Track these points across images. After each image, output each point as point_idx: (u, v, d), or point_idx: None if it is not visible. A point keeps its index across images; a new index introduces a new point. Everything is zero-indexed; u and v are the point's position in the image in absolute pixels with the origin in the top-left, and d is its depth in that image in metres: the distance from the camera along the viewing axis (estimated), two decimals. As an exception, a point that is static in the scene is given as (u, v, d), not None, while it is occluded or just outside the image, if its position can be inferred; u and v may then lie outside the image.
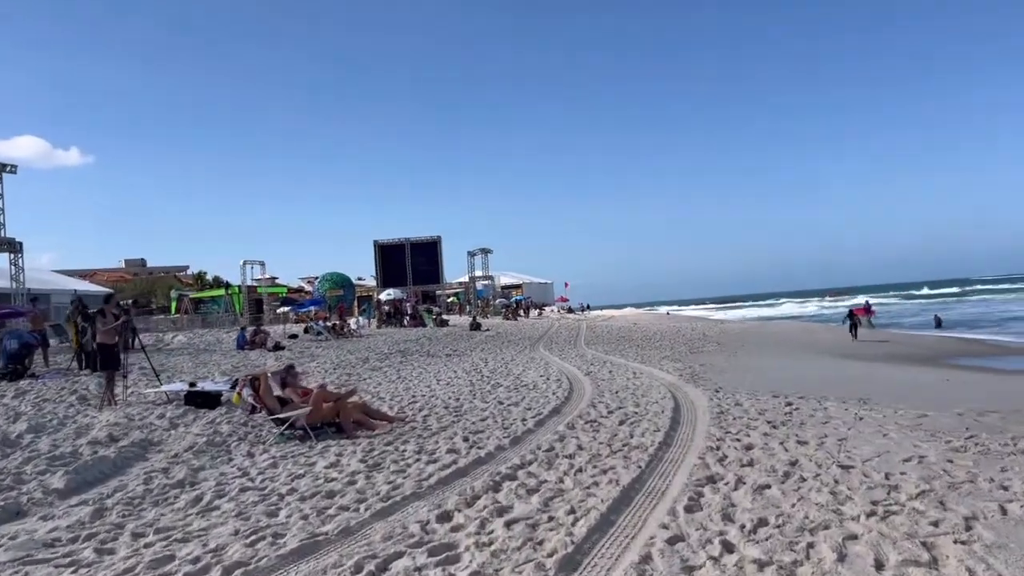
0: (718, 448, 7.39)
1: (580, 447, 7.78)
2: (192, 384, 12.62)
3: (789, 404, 10.34)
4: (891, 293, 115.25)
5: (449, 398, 12.49)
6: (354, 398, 10.16)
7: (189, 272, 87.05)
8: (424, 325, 40.43)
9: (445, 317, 44.71)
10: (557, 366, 18.22)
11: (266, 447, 8.73)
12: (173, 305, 65.11)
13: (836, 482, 5.99)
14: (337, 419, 9.23)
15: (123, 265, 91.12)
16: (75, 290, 42.47)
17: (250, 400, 9.25)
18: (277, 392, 9.77)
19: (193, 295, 68.52)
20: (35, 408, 11.99)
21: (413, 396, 13.04)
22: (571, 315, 62.09)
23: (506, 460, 7.35)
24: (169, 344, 28.23)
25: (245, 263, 60.67)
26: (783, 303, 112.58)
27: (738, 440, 7.78)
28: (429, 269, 62.02)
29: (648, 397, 11.66)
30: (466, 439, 8.53)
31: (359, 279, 75.54)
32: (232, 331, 29.69)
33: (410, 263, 61.68)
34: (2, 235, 25.71)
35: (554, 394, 12.39)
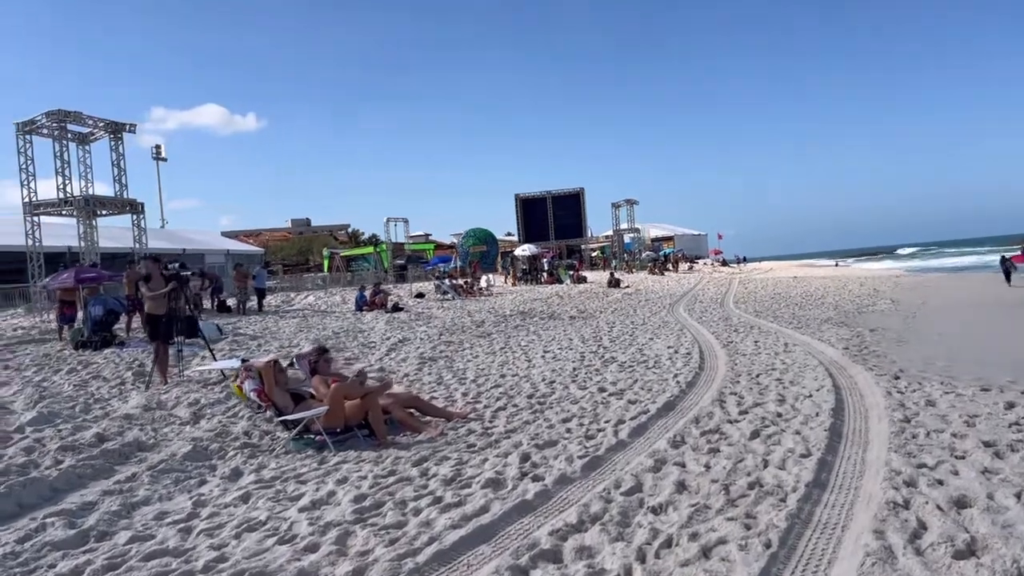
0: (907, 505, 4.48)
1: (681, 487, 5.09)
2: (244, 361, 10.79)
3: (1011, 406, 7.09)
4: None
5: (543, 380, 10.02)
6: (399, 390, 7.92)
7: (349, 230, 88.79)
8: (560, 282, 38.06)
9: (584, 273, 42.06)
10: (693, 333, 15.30)
11: (272, 456, 6.63)
12: (326, 263, 66.22)
13: None
14: (366, 420, 6.98)
15: (289, 225, 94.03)
16: (181, 251, 43.12)
17: (253, 396, 7.16)
18: (312, 381, 7.66)
19: (344, 253, 69.42)
20: (77, 387, 10.58)
21: (502, 375, 10.67)
22: (724, 269, 57.80)
23: (558, 511, 4.81)
24: (292, 304, 27.38)
25: (388, 220, 60.32)
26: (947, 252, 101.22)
27: (940, 483, 4.82)
28: (572, 223, 59.47)
29: (799, 386, 8.68)
30: (525, 458, 6.03)
31: (507, 234, 74.19)
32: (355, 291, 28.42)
33: (552, 217, 59.32)
34: (124, 196, 25.37)
35: (675, 378, 9.63)
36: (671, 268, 53.53)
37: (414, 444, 6.82)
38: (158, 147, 68.31)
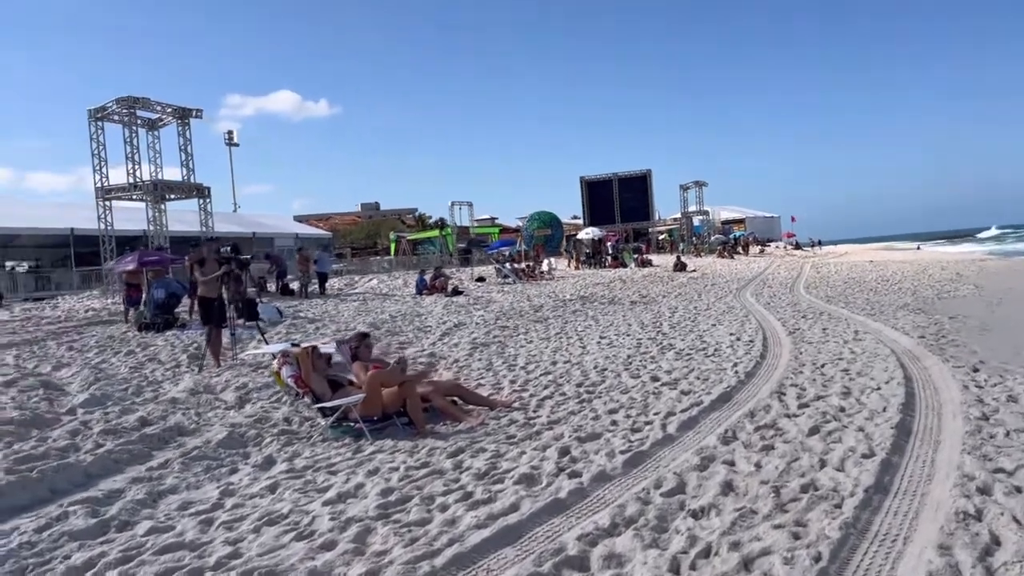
0: (980, 516, 4.02)
1: (728, 488, 4.71)
2: (295, 345, 10.73)
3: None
4: None
5: (594, 367, 9.68)
6: (446, 376, 7.69)
7: (416, 214, 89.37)
8: (625, 266, 37.47)
9: (650, 257, 41.32)
10: (758, 319, 14.71)
11: (308, 444, 6.49)
12: (392, 246, 66.79)
13: None
14: (404, 408, 6.77)
15: (359, 209, 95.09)
16: (224, 237, 43.94)
17: (290, 382, 7.01)
18: (353, 367, 7.51)
19: (410, 236, 69.90)
20: (133, 370, 10.70)
21: (553, 361, 10.37)
22: (797, 252, 56.13)
23: (591, 512, 4.50)
24: (354, 288, 27.56)
25: (453, 204, 60.38)
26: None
27: (1019, 491, 4.33)
28: (638, 205, 58.55)
29: (866, 377, 8.13)
30: (565, 452, 5.73)
31: (573, 217, 73.57)
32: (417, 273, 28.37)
33: (618, 199, 58.48)
34: (191, 180, 25.84)
35: (734, 367, 9.17)
36: (741, 251, 52.24)
37: (452, 434, 6.59)
38: (230, 133, 69.79)
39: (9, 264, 38.45)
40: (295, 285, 24.28)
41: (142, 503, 4.97)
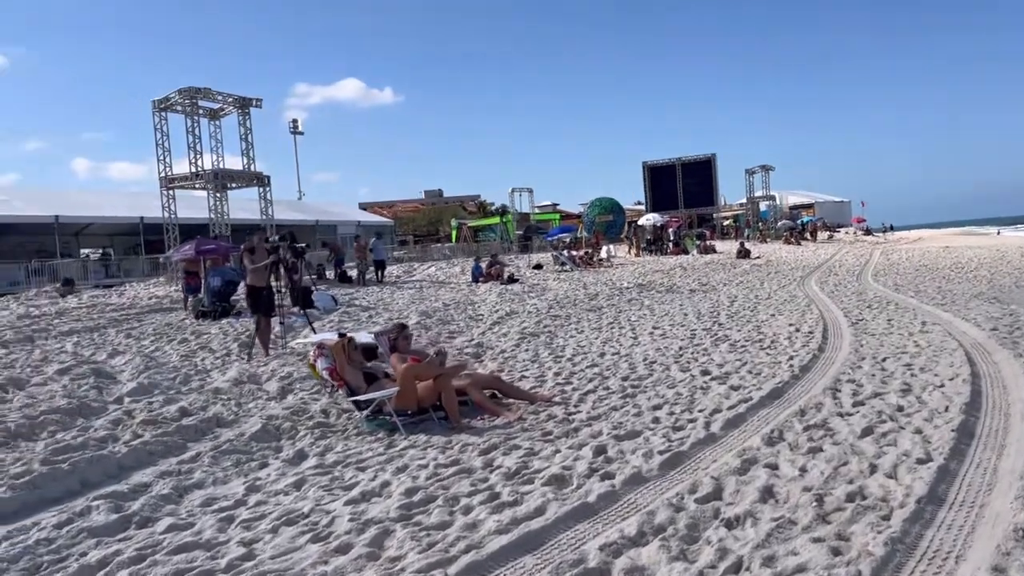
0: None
1: (767, 495, 4.42)
2: (342, 335, 10.70)
3: None
4: None
5: (643, 360, 9.40)
6: (488, 368, 7.52)
7: (479, 201, 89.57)
8: (687, 253, 36.77)
9: (713, 243, 40.46)
10: (820, 309, 14.16)
11: (342, 438, 6.40)
12: (453, 233, 67.03)
13: None
14: (439, 402, 6.63)
15: (422, 196, 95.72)
16: (269, 226, 44.36)
17: (325, 375, 6.92)
18: (391, 359, 7.40)
19: (471, 223, 70.03)
20: (184, 358, 10.84)
21: (602, 353, 10.12)
22: (868, 238, 54.33)
23: (620, 518, 4.26)
24: (412, 275, 27.65)
25: (513, 190, 60.19)
26: None
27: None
28: (702, 190, 57.42)
29: (930, 373, 7.67)
30: (600, 451, 5.50)
31: (637, 203, 72.68)
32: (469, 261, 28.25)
33: (681, 185, 57.45)
34: (251, 169, 26.23)
35: (789, 361, 8.78)
36: (808, 238, 50.80)
37: (488, 429, 6.42)
38: (295, 121, 70.98)
39: (84, 252, 39.85)
40: (353, 272, 24.46)
41: (167, 498, 4.93)
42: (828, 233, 57.52)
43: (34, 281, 26.75)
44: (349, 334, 8.32)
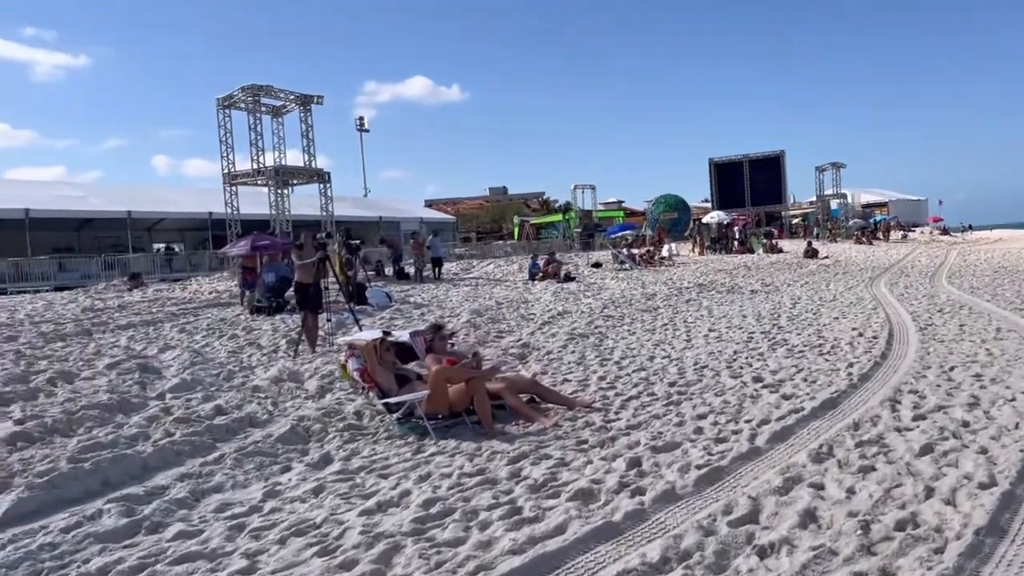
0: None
1: (808, 519, 4.06)
2: (387, 333, 10.58)
3: None
4: None
5: (694, 364, 9.02)
6: (532, 369, 7.27)
7: (542, 198, 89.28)
8: (752, 252, 35.83)
9: (780, 242, 39.35)
10: (888, 312, 13.49)
11: (371, 442, 6.23)
12: (516, 231, 66.90)
13: None
14: (472, 406, 6.40)
15: (487, 193, 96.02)
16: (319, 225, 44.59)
17: (356, 375, 6.76)
18: (426, 360, 7.21)
19: (533, 220, 69.81)
20: (231, 354, 10.87)
21: (651, 356, 9.76)
22: (944, 238, 52.21)
23: (644, 540, 3.96)
24: (470, 272, 27.55)
25: (576, 187, 59.65)
26: None
27: None
28: (770, 188, 55.97)
29: (1001, 385, 7.10)
30: (634, 464, 5.19)
31: (704, 200, 71.43)
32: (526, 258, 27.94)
33: (748, 182, 56.13)
34: (312, 166, 26.49)
35: (848, 368, 8.30)
36: (881, 237, 49.06)
37: (521, 436, 6.16)
38: (361, 119, 71.82)
39: (157, 246, 41.04)
40: (410, 269, 24.49)
41: (181, 503, 4.81)
42: (902, 233, 55.46)
43: (106, 275, 27.56)
44: (394, 332, 8.19)
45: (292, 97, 25.82)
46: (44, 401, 7.83)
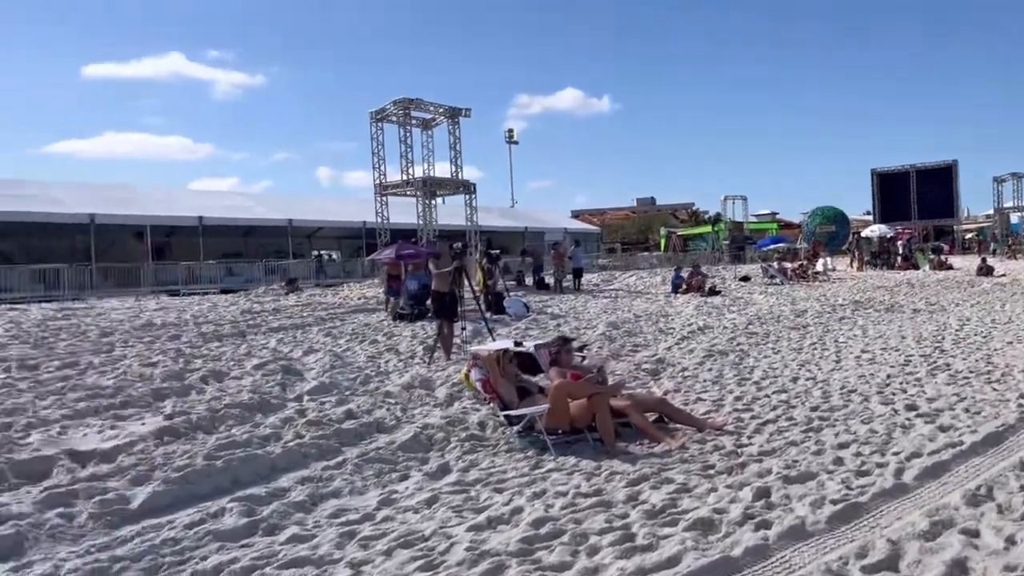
0: None
1: (957, 570, 3.60)
2: (518, 344, 10.53)
3: None
4: None
5: (841, 388, 8.41)
6: (664, 387, 7.00)
7: (692, 209, 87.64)
8: (917, 268, 33.47)
9: (949, 258, 36.56)
10: (1072, 338, 12.14)
11: (490, 454, 6.17)
12: (662, 242, 65.88)
13: None
14: (594, 423, 6.21)
15: (634, 204, 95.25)
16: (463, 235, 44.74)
17: (478, 386, 6.71)
18: (550, 373, 7.09)
19: (680, 232, 68.47)
20: (370, 359, 11.19)
21: (795, 377, 9.21)
22: None
23: (762, 581, 3.65)
24: (611, 284, 27.27)
25: (726, 198, 57.96)
26: None
27: None
28: (940, 200, 52.22)
29: None
30: (763, 494, 4.83)
31: (866, 213, 67.73)
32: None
33: (915, 194, 52.64)
34: (459, 177, 27.07)
35: (1021, 399, 7.47)
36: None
37: (644, 457, 5.91)
38: (510, 131, 72.94)
39: (317, 253, 43.29)
40: (550, 280, 24.51)
41: (299, 506, 4.91)
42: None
43: (267, 279, 29.28)
44: (525, 343, 8.11)
45: (441, 110, 26.53)
46: (194, 398, 8.31)
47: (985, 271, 29.66)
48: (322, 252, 43.35)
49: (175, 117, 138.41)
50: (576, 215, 77.57)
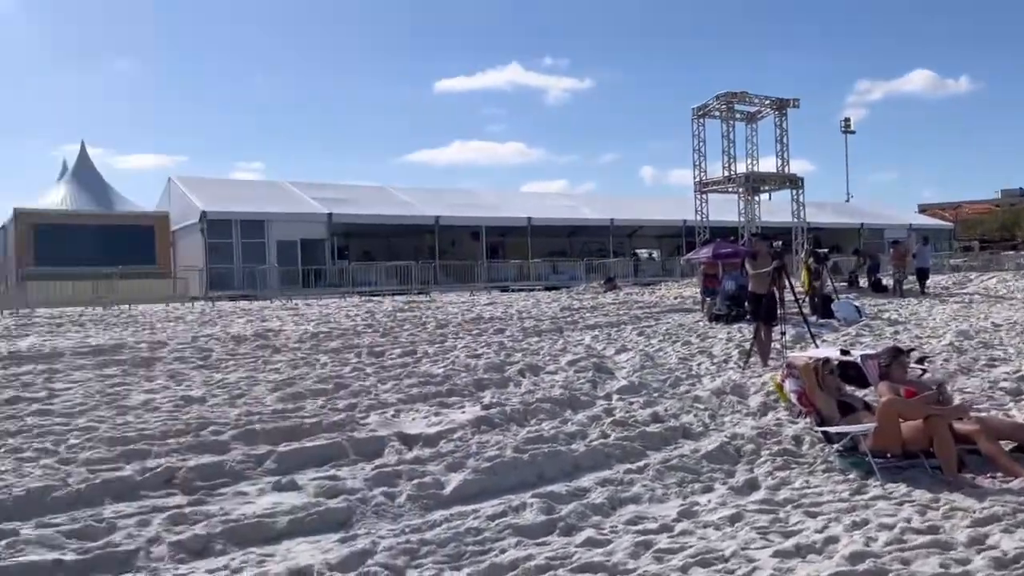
0: None
1: None
2: (845, 352, 9.58)
3: None
4: None
5: None
6: (1013, 415, 5.95)
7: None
8: None
9: None
10: None
11: (806, 472, 5.66)
12: (1034, 240, 57.16)
13: None
14: (931, 447, 5.40)
15: (998, 196, 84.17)
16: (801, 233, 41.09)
17: (792, 397, 6.13)
18: (879, 388, 6.36)
19: (1058, 227, 58.83)
20: (681, 360, 10.95)
21: None
22: None
23: None
24: (964, 287, 24.10)
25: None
26: None
27: None
28: None
29: None
30: None
31: None
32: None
33: None
34: (785, 171, 25.66)
35: None
36: None
37: (995, 493, 5.01)
38: (847, 120, 67.95)
39: (640, 252, 43.93)
40: (888, 281, 22.27)
41: (597, 508, 4.84)
42: None
43: (587, 278, 30.23)
44: (853, 352, 7.39)
45: (767, 102, 25.36)
46: (511, 390, 8.70)
47: None
48: (649, 250, 43.86)
49: (513, 124, 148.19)
50: (923, 209, 70.20)
